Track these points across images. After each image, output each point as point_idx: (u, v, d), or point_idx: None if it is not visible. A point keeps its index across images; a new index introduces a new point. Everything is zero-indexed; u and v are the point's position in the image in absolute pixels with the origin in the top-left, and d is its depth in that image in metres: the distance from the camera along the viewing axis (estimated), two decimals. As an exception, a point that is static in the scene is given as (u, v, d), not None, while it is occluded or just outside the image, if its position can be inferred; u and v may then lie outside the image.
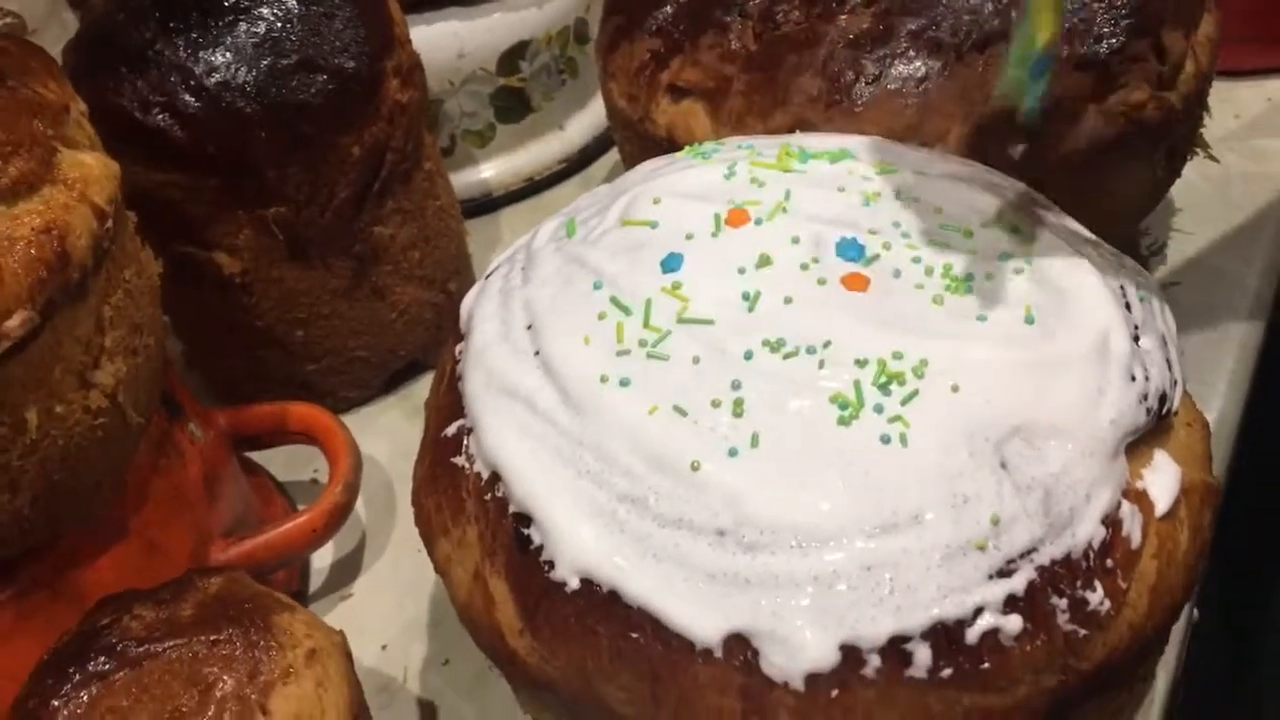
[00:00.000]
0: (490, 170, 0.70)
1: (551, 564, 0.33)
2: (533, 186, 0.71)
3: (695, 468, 0.33)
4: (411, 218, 0.55)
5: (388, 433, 0.57)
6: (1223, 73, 0.63)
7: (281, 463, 0.55)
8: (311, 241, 0.52)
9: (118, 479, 0.40)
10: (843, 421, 0.33)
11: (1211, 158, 0.62)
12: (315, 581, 0.51)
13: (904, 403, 0.33)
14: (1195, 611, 0.52)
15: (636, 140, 0.56)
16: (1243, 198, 0.63)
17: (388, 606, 0.49)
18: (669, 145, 0.53)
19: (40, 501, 0.37)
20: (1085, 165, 0.50)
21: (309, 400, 0.56)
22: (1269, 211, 0.62)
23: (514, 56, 0.67)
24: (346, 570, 0.51)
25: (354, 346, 0.56)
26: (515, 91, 0.69)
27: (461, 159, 0.69)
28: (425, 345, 0.59)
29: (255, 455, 0.53)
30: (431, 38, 0.64)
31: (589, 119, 0.72)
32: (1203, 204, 0.62)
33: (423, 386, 0.59)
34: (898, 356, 0.34)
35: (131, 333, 0.40)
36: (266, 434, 0.51)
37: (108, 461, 0.39)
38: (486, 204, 0.70)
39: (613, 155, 0.73)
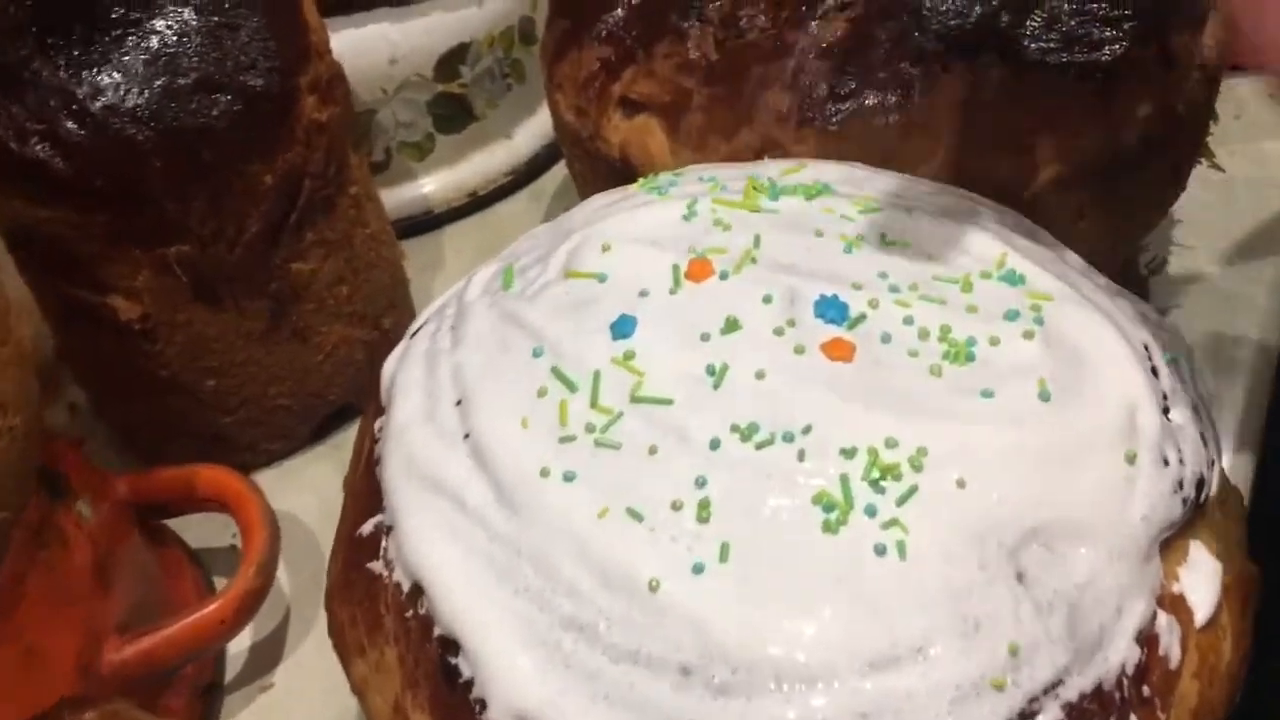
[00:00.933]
0: (430, 185, 0.64)
1: (483, 703, 0.28)
2: (478, 201, 0.66)
3: (654, 587, 0.27)
4: (336, 249, 0.49)
5: (315, 488, 0.51)
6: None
7: (196, 527, 0.49)
8: (220, 281, 0.46)
9: (-20, 584, 0.35)
10: (829, 527, 0.27)
11: (1216, 167, 0.57)
12: (232, 668, 0.45)
13: (900, 503, 0.28)
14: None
15: (586, 159, 0.51)
16: (1247, 207, 0.58)
17: (313, 699, 0.43)
18: (622, 166, 0.48)
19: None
20: (1085, 182, 0.45)
21: (227, 453, 0.50)
22: (1276, 222, 0.57)
23: (453, 60, 0.61)
24: (267, 654, 0.45)
25: (274, 394, 0.51)
26: (456, 98, 0.63)
27: (398, 174, 0.63)
28: (357, 388, 0.53)
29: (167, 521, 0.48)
30: (360, 42, 0.58)
31: (538, 126, 0.67)
32: (1205, 215, 0.57)
33: (355, 432, 0.53)
34: (891, 444, 0.28)
35: (4, 403, 0.34)
36: (174, 501, 0.45)
37: (-36, 569, 0.34)
38: (427, 222, 0.65)
39: (565, 165, 0.67)
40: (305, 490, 0.51)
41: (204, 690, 0.43)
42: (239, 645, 0.45)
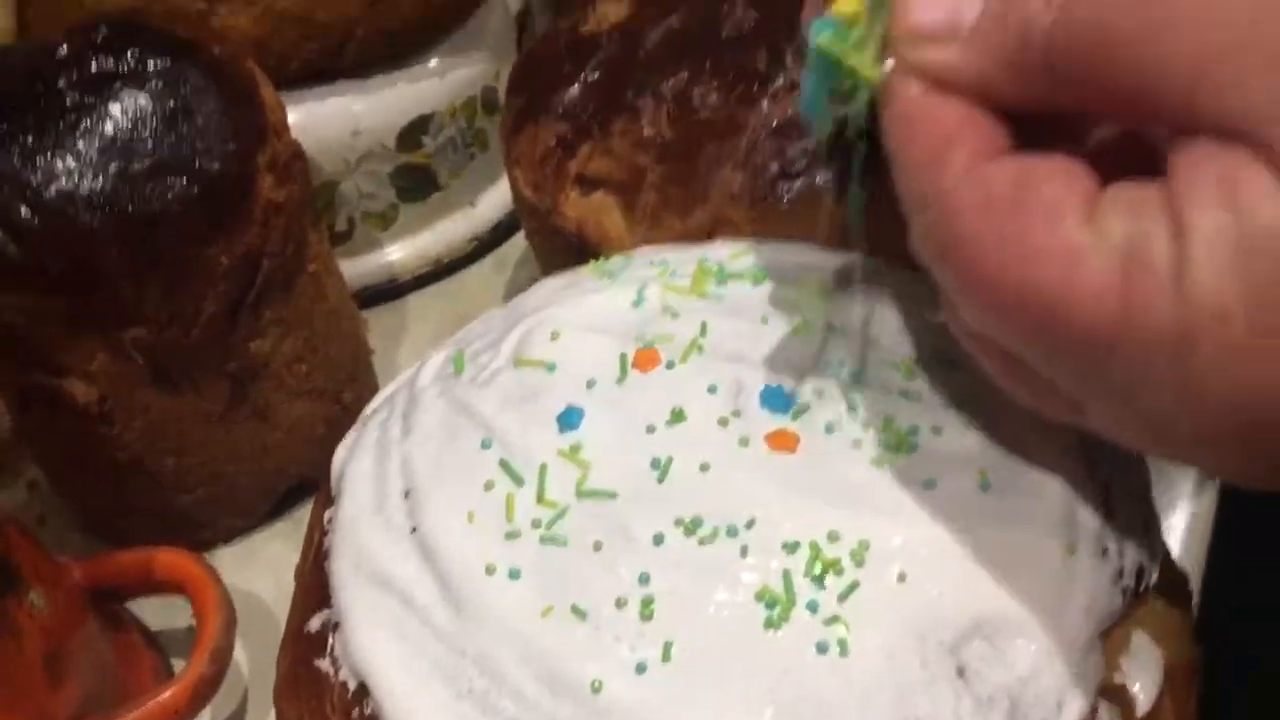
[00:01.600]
0: (395, 253, 0.65)
1: (430, 808, 0.28)
2: (442, 269, 0.66)
3: (596, 689, 0.27)
4: (295, 327, 0.50)
5: (273, 566, 0.51)
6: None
7: (156, 607, 0.49)
8: (178, 363, 0.46)
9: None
10: (771, 624, 0.28)
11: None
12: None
13: (842, 599, 0.28)
14: None
15: (544, 233, 0.51)
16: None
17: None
18: (578, 242, 0.48)
19: None
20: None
21: (187, 531, 0.50)
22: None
23: (416, 131, 0.62)
24: (225, 744, 0.45)
25: (234, 472, 0.50)
26: (419, 169, 0.63)
27: (361, 243, 0.64)
28: (316, 463, 0.53)
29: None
30: (321, 116, 0.59)
31: (501, 193, 0.67)
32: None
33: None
34: (833, 538, 0.29)
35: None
36: (131, 585, 0.45)
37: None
38: (391, 290, 0.65)
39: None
40: (264, 568, 0.51)
41: (159, 778, 0.43)
42: (195, 730, 0.45)
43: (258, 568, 0.51)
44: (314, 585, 0.33)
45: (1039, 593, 0.28)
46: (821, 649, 0.27)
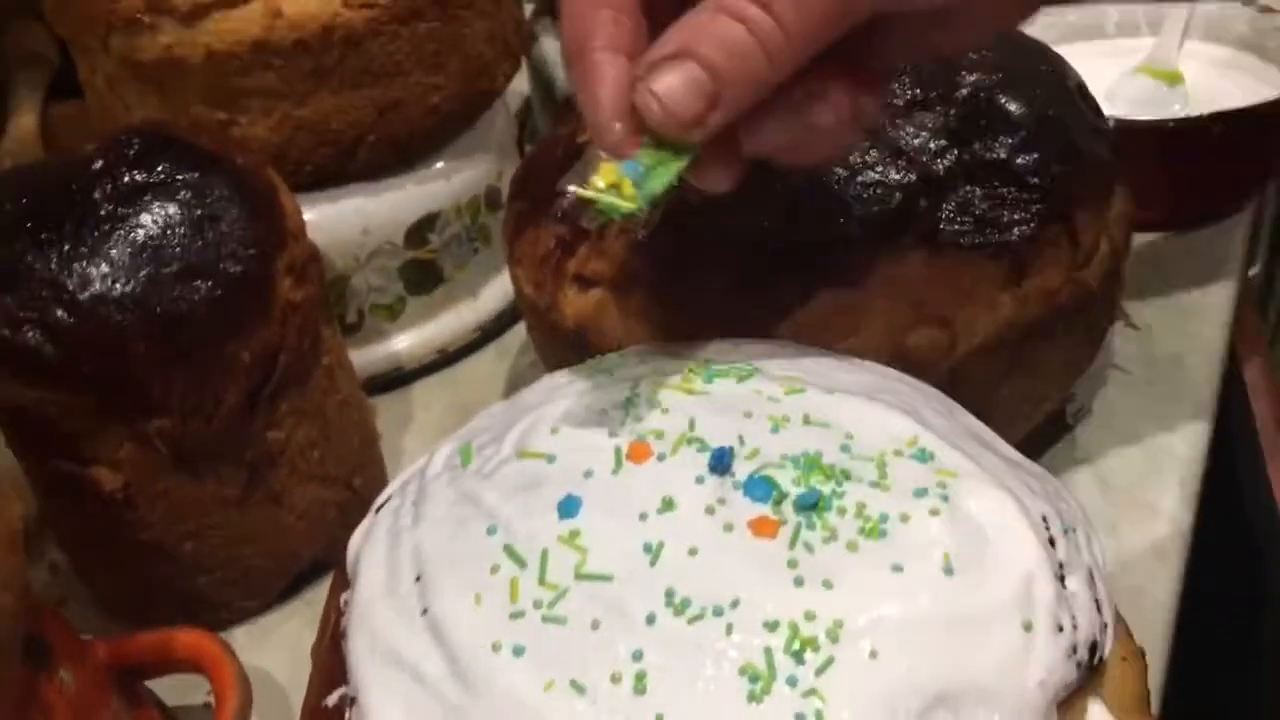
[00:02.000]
0: (401, 343, 0.68)
1: None
2: (446, 358, 0.69)
3: (594, 757, 0.30)
4: (309, 417, 0.53)
5: (288, 645, 0.53)
6: (1138, 227, 0.63)
7: (171, 686, 0.51)
8: (199, 452, 0.49)
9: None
10: (753, 697, 0.30)
11: (1132, 326, 0.61)
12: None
13: (819, 673, 0.30)
14: None
15: (544, 328, 0.54)
16: (1167, 354, 0.62)
17: None
18: (576, 337, 0.51)
19: None
20: (1002, 350, 0.49)
21: (203, 611, 0.53)
22: (1196, 374, 0.61)
23: (422, 229, 0.65)
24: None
25: (249, 554, 0.53)
26: (425, 263, 0.67)
27: (370, 334, 0.67)
28: (328, 545, 0.55)
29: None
30: (333, 216, 0.62)
31: (503, 285, 0.70)
32: (1128, 365, 0.61)
33: (326, 588, 0.56)
34: (810, 617, 0.31)
35: (-17, 595, 0.36)
36: (151, 664, 0.47)
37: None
38: (398, 378, 0.68)
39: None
40: (278, 647, 0.53)
41: None
42: (211, 806, 0.47)
43: (272, 647, 0.53)
44: (330, 664, 0.36)
45: (999, 666, 0.31)
46: (800, 719, 0.30)
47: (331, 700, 0.35)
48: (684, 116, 0.34)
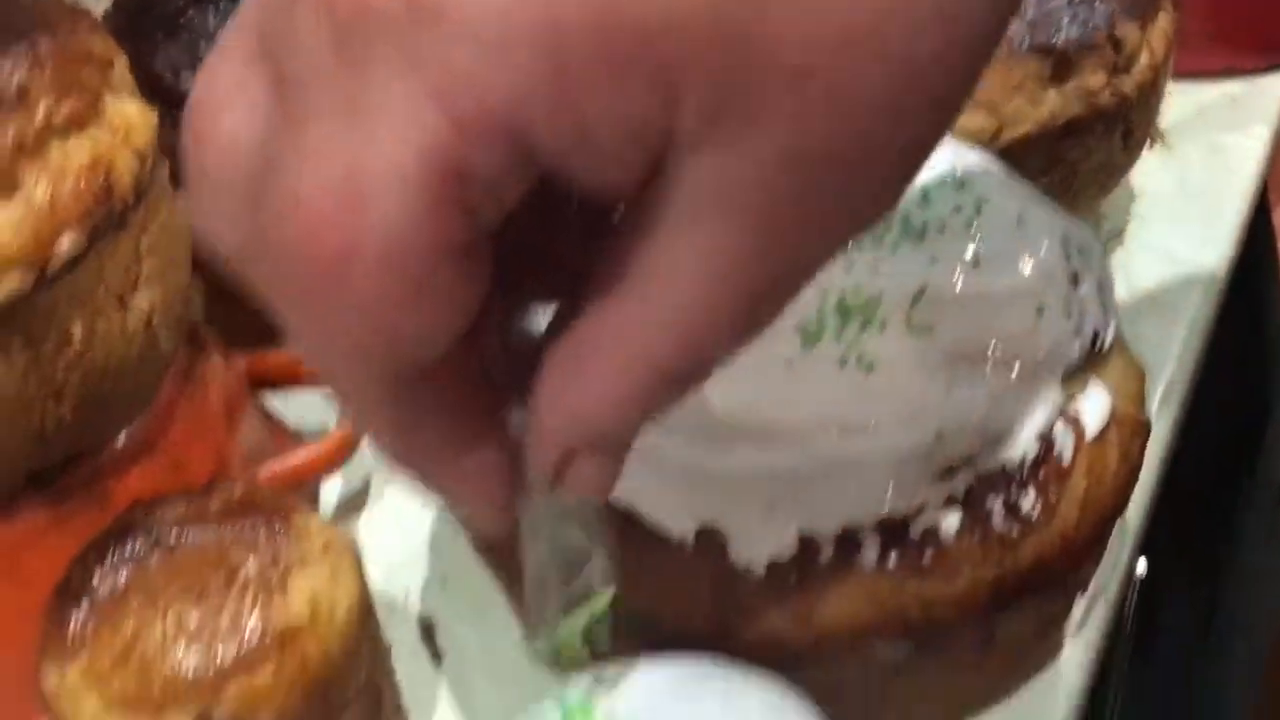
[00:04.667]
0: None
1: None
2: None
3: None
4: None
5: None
6: (1187, 74, 0.67)
7: (292, 415, 0.58)
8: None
9: (148, 398, 0.44)
10: (806, 345, 0.37)
11: (1166, 146, 0.66)
12: (322, 514, 0.54)
13: (862, 329, 0.37)
14: (1144, 563, 0.55)
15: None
16: (1201, 188, 0.67)
17: (390, 537, 0.53)
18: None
19: (80, 411, 0.41)
20: (1044, 144, 0.54)
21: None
22: (1226, 201, 0.66)
23: None
24: (352, 504, 0.55)
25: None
26: None
27: None
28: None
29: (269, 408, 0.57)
30: None
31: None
32: (1161, 193, 0.66)
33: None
34: (857, 292, 0.38)
35: (165, 266, 0.43)
36: (282, 377, 0.55)
37: (140, 380, 0.43)
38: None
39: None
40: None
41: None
42: (328, 496, 0.55)
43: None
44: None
45: (1014, 337, 0.37)
46: (843, 362, 0.36)
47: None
48: None
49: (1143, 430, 0.40)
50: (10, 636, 0.41)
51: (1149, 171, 0.67)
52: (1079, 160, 0.56)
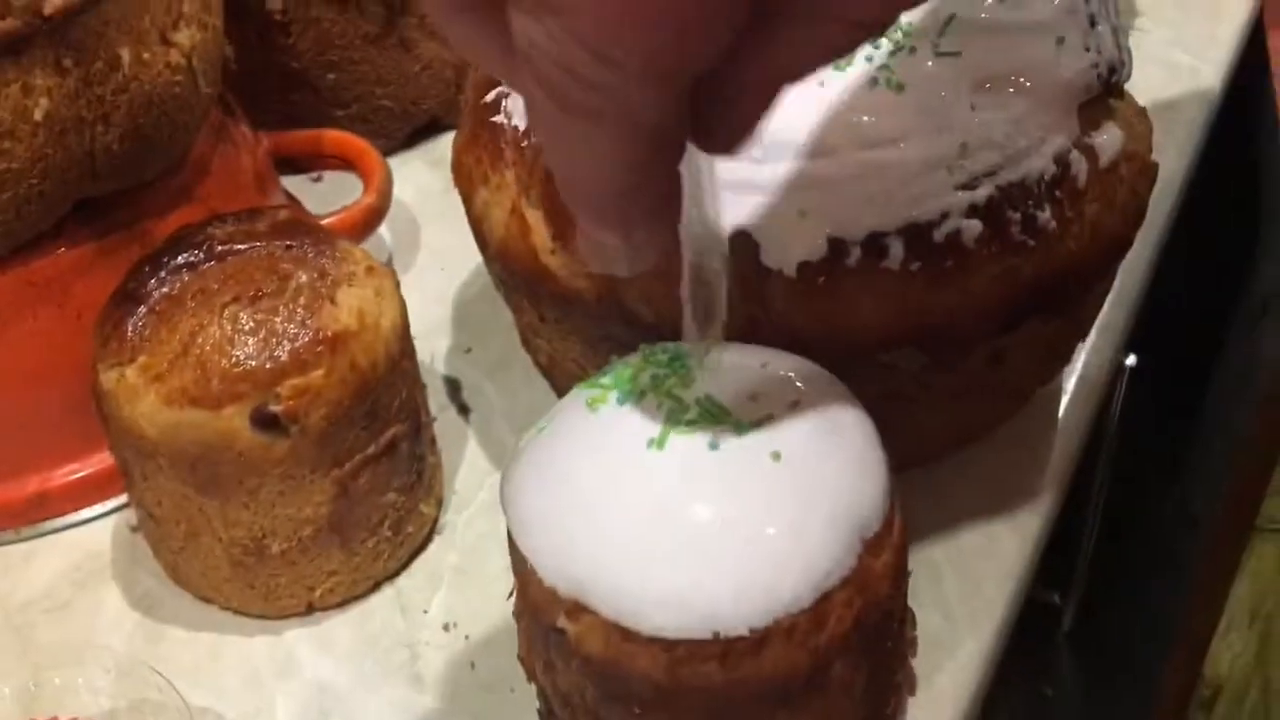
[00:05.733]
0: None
1: (582, 187, 0.39)
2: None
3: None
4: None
5: (411, 179, 0.62)
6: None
7: (310, 202, 0.60)
8: (347, -19, 0.57)
9: (188, 141, 0.45)
10: (839, 67, 0.38)
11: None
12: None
13: (891, 54, 0.38)
14: (1134, 357, 0.57)
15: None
16: (1201, 3, 0.68)
17: (414, 308, 0.54)
18: None
19: (126, 141, 0.42)
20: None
21: (337, 147, 0.61)
22: (1224, 17, 0.67)
23: None
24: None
25: (380, 95, 0.61)
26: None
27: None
28: (445, 102, 0.63)
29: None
30: None
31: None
32: (1162, 6, 0.68)
33: (443, 143, 0.64)
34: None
35: (203, 9, 0.44)
36: (304, 156, 0.56)
37: (181, 120, 0.44)
38: None
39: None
40: (403, 181, 0.61)
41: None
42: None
43: (398, 180, 0.61)
44: (484, 79, 0.44)
45: (1035, 64, 0.39)
46: (874, 83, 0.38)
47: (490, 97, 0.43)
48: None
49: (1150, 170, 0.42)
50: (60, 359, 0.43)
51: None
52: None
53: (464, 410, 0.50)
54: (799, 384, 0.33)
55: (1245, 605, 0.72)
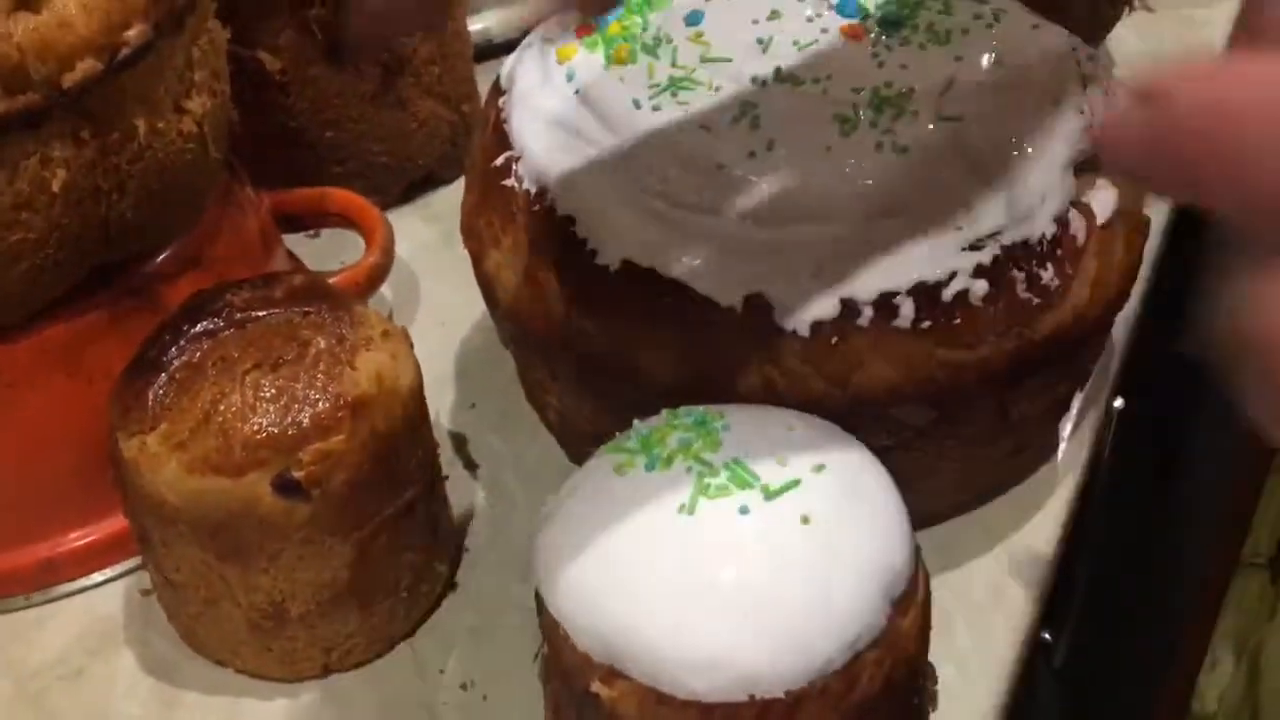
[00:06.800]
0: (492, 19, 0.75)
1: (595, 252, 0.39)
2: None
3: (721, 168, 0.39)
4: (430, 35, 0.61)
5: (407, 235, 0.62)
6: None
7: (311, 257, 0.60)
8: (345, 45, 0.57)
9: (200, 206, 0.46)
10: (844, 133, 0.39)
11: (1147, 8, 0.69)
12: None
13: (894, 119, 0.39)
14: (1121, 400, 0.59)
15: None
16: (1178, 56, 0.70)
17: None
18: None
19: (140, 208, 0.42)
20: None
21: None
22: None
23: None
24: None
25: (377, 151, 0.62)
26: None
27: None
28: (441, 159, 0.64)
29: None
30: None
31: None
32: (1135, 58, 0.69)
33: (438, 198, 0.64)
34: (888, 85, 0.40)
35: (212, 77, 0.45)
36: (306, 215, 0.56)
37: (194, 186, 0.45)
38: (487, 49, 0.76)
39: None
40: (400, 237, 0.61)
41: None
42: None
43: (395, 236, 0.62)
44: (493, 143, 0.45)
45: (1033, 127, 0.40)
46: (879, 147, 0.39)
47: (499, 161, 0.44)
48: None
49: (1144, 225, 0.44)
50: (71, 424, 0.43)
51: (1123, 38, 0.70)
52: (1061, 15, 0.59)
53: (471, 466, 0.51)
54: (824, 447, 0.34)
55: (1231, 639, 0.73)
